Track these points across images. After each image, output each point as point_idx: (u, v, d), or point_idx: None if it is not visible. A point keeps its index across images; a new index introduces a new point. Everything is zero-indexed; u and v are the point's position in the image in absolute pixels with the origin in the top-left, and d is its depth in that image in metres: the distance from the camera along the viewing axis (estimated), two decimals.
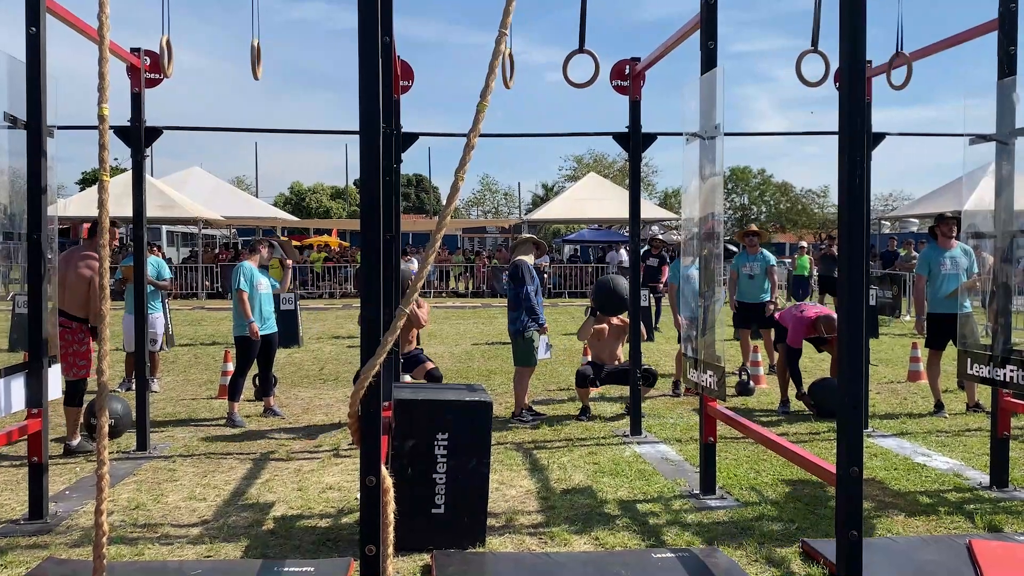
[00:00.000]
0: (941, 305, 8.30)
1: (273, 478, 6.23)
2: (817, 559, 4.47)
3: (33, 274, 5.20)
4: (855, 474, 3.95)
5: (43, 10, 5.19)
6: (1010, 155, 5.59)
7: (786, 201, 60.99)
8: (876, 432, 7.65)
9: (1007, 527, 5.10)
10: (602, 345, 8.72)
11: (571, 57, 7.01)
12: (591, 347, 8.87)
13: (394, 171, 6.47)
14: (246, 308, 8.13)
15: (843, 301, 4.00)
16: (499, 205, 62.98)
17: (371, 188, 3.64)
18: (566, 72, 7.00)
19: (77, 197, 29.65)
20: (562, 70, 7.00)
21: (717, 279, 5.47)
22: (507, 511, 5.43)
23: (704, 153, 5.56)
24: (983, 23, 5.96)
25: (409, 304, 3.27)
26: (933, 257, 8.46)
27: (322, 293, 28.33)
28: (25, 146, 5.18)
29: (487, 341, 15.21)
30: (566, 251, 39.43)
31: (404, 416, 4.71)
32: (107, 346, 2.70)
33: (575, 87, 7.05)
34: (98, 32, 2.54)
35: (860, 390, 4.09)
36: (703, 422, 5.77)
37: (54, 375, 5.47)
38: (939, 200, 26.11)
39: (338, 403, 9.17)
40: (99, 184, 2.63)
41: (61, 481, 6.12)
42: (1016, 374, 5.39)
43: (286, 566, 4.40)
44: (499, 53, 3.04)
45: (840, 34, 3.93)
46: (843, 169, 3.92)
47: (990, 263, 5.92)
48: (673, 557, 4.53)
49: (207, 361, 12.49)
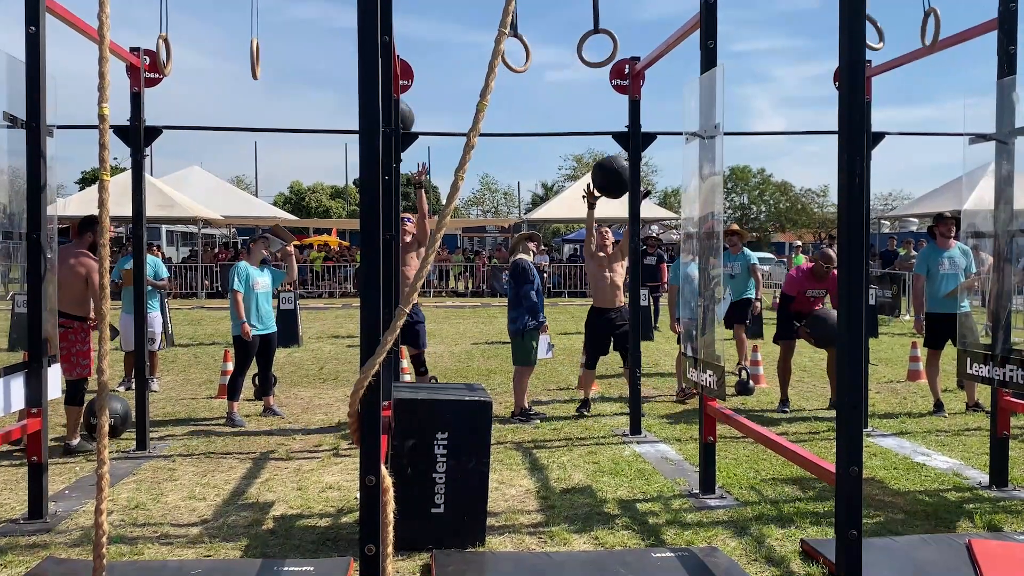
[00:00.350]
0: (940, 305, 8.31)
1: (273, 477, 6.23)
2: (817, 558, 4.47)
3: (33, 274, 5.20)
4: (855, 473, 3.95)
5: (43, 9, 5.19)
6: (1010, 155, 5.59)
7: (786, 200, 60.96)
8: (876, 432, 7.65)
9: (1007, 526, 5.10)
10: (601, 276, 8.51)
11: (586, 38, 6.77)
12: (591, 282, 8.72)
13: (394, 171, 6.46)
14: (240, 309, 8.12)
15: (843, 300, 4.00)
16: (499, 205, 62.97)
17: (371, 188, 3.64)
18: (581, 53, 6.77)
19: (77, 196, 29.68)
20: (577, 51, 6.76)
21: (716, 279, 5.47)
22: (507, 510, 5.43)
23: (704, 152, 5.56)
24: (983, 22, 5.96)
25: (409, 303, 3.28)
26: (932, 257, 8.48)
27: (322, 292, 28.34)
28: (25, 145, 5.17)
29: (487, 340, 15.22)
30: (566, 250, 39.41)
31: (404, 416, 4.71)
32: (107, 345, 2.70)
33: (591, 67, 6.80)
34: (98, 32, 2.55)
35: (860, 390, 4.09)
36: (703, 421, 5.76)
37: (54, 375, 5.47)
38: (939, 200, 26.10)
39: (338, 402, 9.17)
40: (99, 184, 2.63)
41: (61, 481, 6.12)
42: (1016, 373, 5.40)
43: (286, 565, 4.40)
44: (499, 53, 3.04)
45: (840, 33, 3.93)
46: (843, 168, 3.92)
47: (989, 263, 5.92)
48: (673, 557, 4.53)
49: (207, 361, 12.49)
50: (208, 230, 36.29)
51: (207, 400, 9.37)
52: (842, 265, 3.98)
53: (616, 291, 8.55)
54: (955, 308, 7.52)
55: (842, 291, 3.99)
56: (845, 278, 3.97)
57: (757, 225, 62.12)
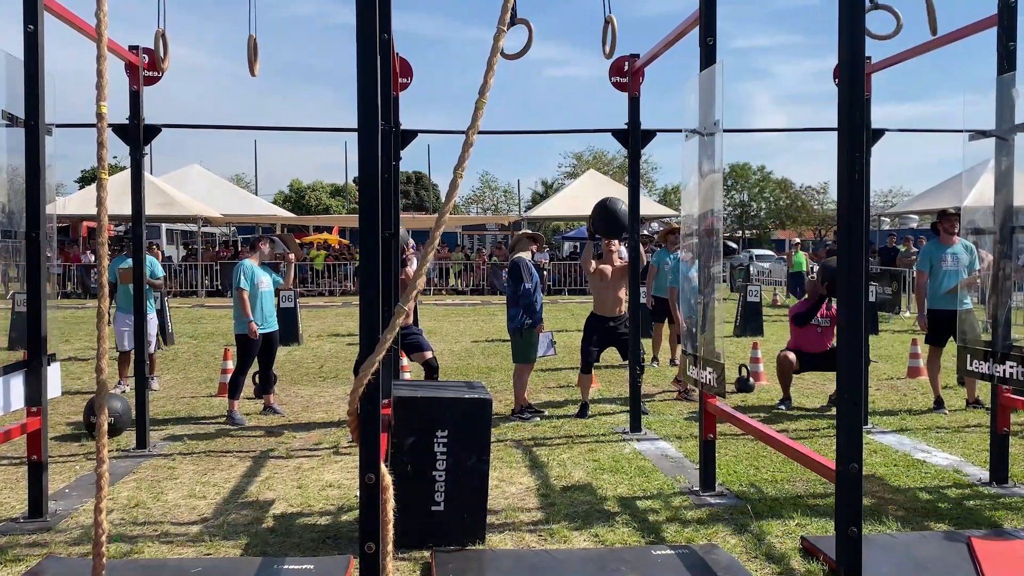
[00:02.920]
0: (941, 301, 8.29)
1: (273, 476, 6.23)
2: (817, 555, 4.47)
3: (32, 272, 5.19)
4: (854, 470, 3.95)
5: (41, 8, 5.18)
6: (1009, 151, 5.59)
7: (786, 198, 60.98)
8: (876, 428, 7.65)
9: (1007, 523, 5.10)
10: (604, 289, 8.44)
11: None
12: (593, 291, 8.66)
13: (393, 168, 6.46)
14: (246, 307, 8.12)
15: (843, 297, 4.00)
16: (498, 202, 62.96)
17: (370, 185, 3.63)
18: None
19: (76, 195, 29.70)
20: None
21: (716, 276, 5.46)
22: (507, 508, 5.43)
23: (703, 149, 5.55)
24: (982, 19, 5.95)
25: (409, 302, 3.27)
26: (935, 253, 8.45)
27: (322, 291, 28.33)
28: (24, 144, 5.17)
29: (487, 338, 15.22)
30: (566, 248, 39.42)
31: (404, 414, 4.70)
32: (106, 344, 2.70)
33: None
34: (96, 30, 2.54)
35: (859, 387, 4.09)
36: (703, 419, 5.76)
37: (53, 373, 5.47)
38: (939, 196, 26.08)
39: (338, 401, 9.17)
40: (98, 182, 2.62)
41: (61, 479, 6.12)
42: (1016, 370, 5.39)
43: (286, 564, 4.40)
44: (497, 50, 3.04)
45: (839, 31, 3.93)
46: (843, 165, 3.92)
47: (989, 259, 5.92)
48: (673, 554, 4.53)
49: (207, 359, 12.49)
50: (208, 229, 36.28)
51: (207, 398, 9.37)
52: (842, 262, 3.98)
53: (619, 302, 8.48)
54: (956, 305, 7.50)
55: (842, 288, 3.99)
56: (845, 275, 3.97)
57: (757, 222, 62.14)
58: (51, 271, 5.40)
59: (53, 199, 5.47)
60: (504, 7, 3.03)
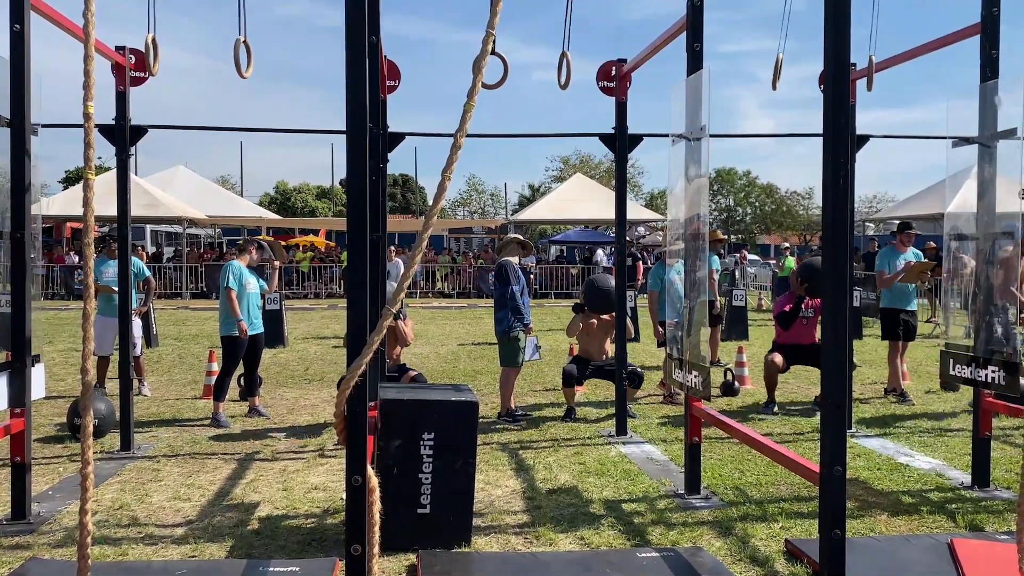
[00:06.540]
0: (894, 300, 9.41)
1: (258, 478, 6.21)
2: (801, 558, 4.50)
3: (16, 273, 5.16)
4: (838, 474, 3.98)
5: (27, 7, 5.16)
6: (992, 158, 5.64)
7: (771, 203, 61.27)
8: (859, 432, 7.71)
9: (988, 526, 5.15)
10: (590, 340, 8.71)
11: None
12: (579, 342, 8.87)
13: (380, 171, 6.46)
14: (235, 307, 8.09)
15: (827, 302, 4.03)
16: (485, 205, 63.00)
17: (357, 188, 3.64)
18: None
19: (60, 196, 29.48)
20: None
21: (702, 280, 5.49)
22: (493, 511, 5.44)
23: (690, 154, 5.58)
24: (966, 27, 6.02)
25: (395, 304, 3.27)
26: (891, 258, 9.46)
27: (307, 293, 28.25)
28: (9, 144, 5.14)
29: (473, 341, 15.21)
30: (552, 252, 39.48)
31: (390, 416, 4.70)
32: (90, 346, 2.69)
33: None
34: (83, 30, 2.53)
35: (843, 390, 4.12)
36: (688, 422, 5.79)
37: (37, 375, 5.43)
38: (923, 202, 26.30)
39: (323, 403, 9.15)
40: (84, 183, 2.61)
41: (44, 481, 6.08)
42: (997, 375, 5.44)
43: (271, 566, 4.39)
44: (486, 53, 3.04)
45: (824, 37, 3.96)
46: (827, 171, 3.95)
47: (971, 266, 5.97)
48: (658, 556, 4.55)
49: (191, 361, 12.43)
50: (193, 230, 36.12)
51: (192, 400, 9.33)
52: (826, 267, 4.01)
53: (604, 351, 8.75)
54: (906, 304, 9.33)
55: (826, 293, 4.02)
56: (830, 280, 3.99)
57: (743, 227, 62.40)
58: (35, 272, 5.36)
59: (38, 199, 5.43)
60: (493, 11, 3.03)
